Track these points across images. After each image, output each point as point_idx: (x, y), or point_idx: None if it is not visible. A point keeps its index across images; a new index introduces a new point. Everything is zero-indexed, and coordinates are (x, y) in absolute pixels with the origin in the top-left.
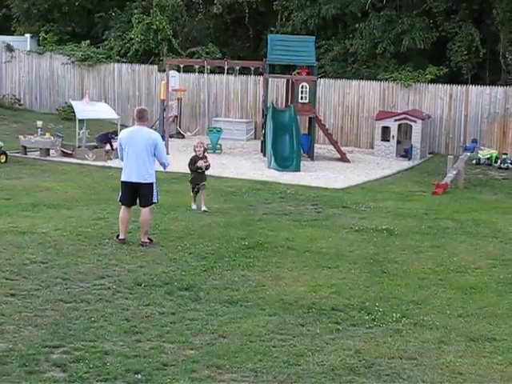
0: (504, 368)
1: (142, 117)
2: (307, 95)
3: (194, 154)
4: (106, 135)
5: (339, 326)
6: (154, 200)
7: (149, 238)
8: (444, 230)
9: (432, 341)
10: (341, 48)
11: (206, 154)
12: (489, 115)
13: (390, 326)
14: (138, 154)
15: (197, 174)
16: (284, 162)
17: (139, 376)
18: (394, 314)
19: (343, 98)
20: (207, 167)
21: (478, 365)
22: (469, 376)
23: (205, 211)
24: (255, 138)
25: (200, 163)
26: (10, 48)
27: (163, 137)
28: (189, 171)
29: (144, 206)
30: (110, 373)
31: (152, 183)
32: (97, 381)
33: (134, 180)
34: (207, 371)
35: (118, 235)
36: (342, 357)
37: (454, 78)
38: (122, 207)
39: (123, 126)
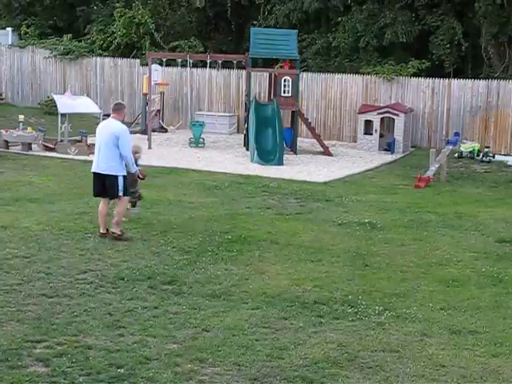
0: (486, 360)
1: (116, 109)
2: (290, 89)
3: None
4: None
5: (322, 320)
6: (120, 193)
7: (121, 231)
8: (426, 224)
9: (414, 333)
10: (323, 42)
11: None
12: (471, 109)
13: (372, 319)
14: (102, 146)
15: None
16: (267, 156)
17: (122, 370)
18: (377, 307)
19: (326, 91)
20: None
21: (460, 357)
22: (451, 368)
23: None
24: (238, 132)
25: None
26: None
27: (145, 131)
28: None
29: (110, 198)
30: (92, 367)
31: (115, 176)
32: (80, 375)
33: (97, 170)
34: (190, 365)
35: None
36: (324, 350)
37: (436, 71)
38: (101, 200)
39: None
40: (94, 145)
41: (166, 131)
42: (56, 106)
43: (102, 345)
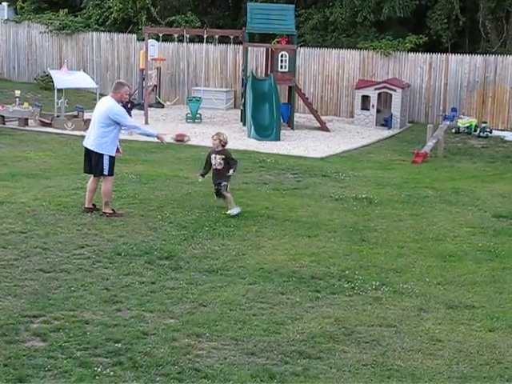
0: (482, 335)
1: (113, 88)
2: (287, 64)
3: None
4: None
5: (319, 294)
6: (105, 172)
7: (112, 209)
8: (423, 199)
9: (411, 308)
10: (320, 17)
11: (224, 147)
12: (468, 85)
13: (369, 293)
14: (93, 122)
15: (213, 172)
16: (264, 131)
17: (119, 345)
18: (374, 282)
19: (323, 66)
20: (219, 167)
21: (457, 332)
22: (447, 343)
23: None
24: (235, 107)
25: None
26: None
27: (142, 106)
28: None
29: (95, 175)
30: (90, 342)
31: (101, 154)
32: (77, 350)
33: (85, 145)
34: (187, 340)
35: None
36: (321, 325)
37: (433, 46)
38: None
39: (102, 95)
40: (90, 120)
41: (163, 107)
42: (52, 82)
43: (100, 320)
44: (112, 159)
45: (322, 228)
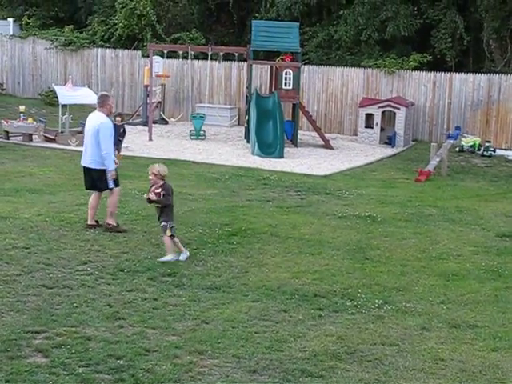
0: (485, 354)
1: (99, 102)
2: (291, 82)
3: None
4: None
5: (322, 313)
6: (110, 186)
7: (117, 223)
8: (427, 217)
9: (414, 327)
10: (325, 35)
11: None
12: (472, 104)
13: (372, 312)
14: (87, 140)
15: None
16: (267, 149)
17: (121, 361)
18: (377, 301)
19: (327, 84)
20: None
21: (460, 351)
22: (450, 362)
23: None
24: (239, 124)
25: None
26: None
27: (146, 123)
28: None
29: (98, 191)
30: (92, 358)
31: (101, 170)
32: (79, 366)
33: (84, 164)
34: (189, 357)
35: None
36: (324, 343)
37: (437, 65)
38: (93, 192)
39: None
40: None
41: (167, 123)
42: (57, 97)
43: (102, 336)
44: (114, 171)
45: (325, 246)
